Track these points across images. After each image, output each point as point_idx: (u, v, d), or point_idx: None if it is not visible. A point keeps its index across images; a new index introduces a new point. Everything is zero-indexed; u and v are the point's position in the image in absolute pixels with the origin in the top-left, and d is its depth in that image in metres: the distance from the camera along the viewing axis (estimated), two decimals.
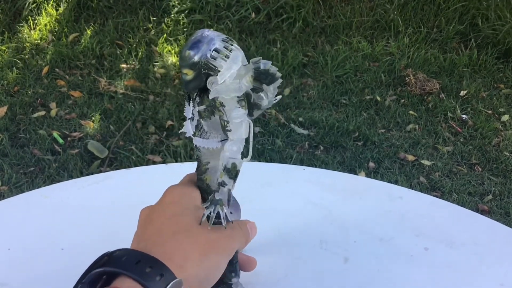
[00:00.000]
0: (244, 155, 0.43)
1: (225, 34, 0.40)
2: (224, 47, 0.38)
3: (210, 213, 0.42)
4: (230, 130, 0.41)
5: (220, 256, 0.42)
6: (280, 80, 0.41)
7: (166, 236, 0.41)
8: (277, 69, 0.40)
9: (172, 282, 0.36)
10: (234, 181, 0.42)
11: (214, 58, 0.38)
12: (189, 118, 0.44)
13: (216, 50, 0.38)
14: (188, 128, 0.44)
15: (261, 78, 0.40)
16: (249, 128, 0.41)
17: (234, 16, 2.96)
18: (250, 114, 0.42)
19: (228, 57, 0.38)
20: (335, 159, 2.06)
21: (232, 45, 0.39)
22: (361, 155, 2.10)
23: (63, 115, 2.22)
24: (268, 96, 0.41)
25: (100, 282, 0.37)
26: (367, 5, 3.18)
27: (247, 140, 0.43)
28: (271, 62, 0.40)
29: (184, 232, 0.41)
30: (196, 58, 0.38)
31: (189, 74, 0.39)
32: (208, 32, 0.39)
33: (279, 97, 0.42)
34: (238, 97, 0.40)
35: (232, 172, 0.42)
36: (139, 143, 2.07)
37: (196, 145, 0.45)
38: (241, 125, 0.41)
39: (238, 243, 0.45)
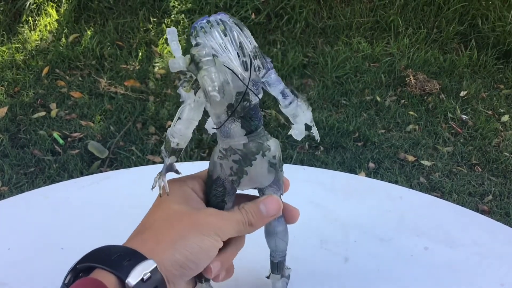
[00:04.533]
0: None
1: (221, 22, 0.40)
2: (201, 26, 0.40)
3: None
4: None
5: (202, 238, 0.40)
6: (202, 73, 0.38)
7: (146, 226, 0.42)
8: (203, 57, 0.38)
9: (141, 264, 0.36)
10: (169, 156, 0.43)
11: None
12: None
13: (194, 27, 0.40)
14: None
15: (194, 63, 0.39)
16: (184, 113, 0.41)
17: (234, 17, 2.96)
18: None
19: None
20: (335, 160, 2.06)
21: (207, 28, 0.40)
22: (361, 155, 2.10)
23: (63, 115, 2.22)
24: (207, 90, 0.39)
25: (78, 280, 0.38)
26: (367, 6, 3.19)
27: None
28: (199, 49, 0.38)
29: (163, 220, 0.41)
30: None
31: None
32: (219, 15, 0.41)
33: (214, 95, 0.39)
34: (182, 75, 0.41)
35: (167, 146, 0.43)
36: (139, 143, 2.07)
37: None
38: (183, 106, 0.41)
39: (229, 226, 0.42)
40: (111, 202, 0.68)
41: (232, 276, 0.48)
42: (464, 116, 2.44)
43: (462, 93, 2.61)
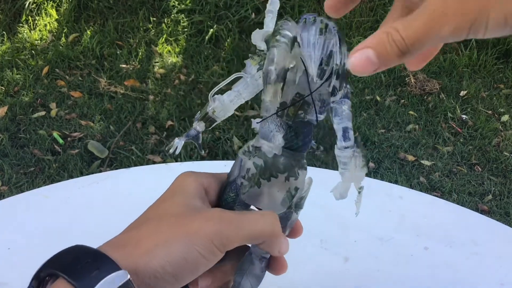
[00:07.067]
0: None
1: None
2: (305, 18, 0.35)
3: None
4: None
5: (191, 247, 0.32)
6: (272, 43, 0.33)
7: (134, 225, 0.36)
8: (283, 31, 0.33)
9: (110, 275, 0.30)
10: (199, 120, 0.39)
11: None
12: None
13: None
14: None
15: (273, 33, 0.36)
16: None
17: (234, 17, 2.96)
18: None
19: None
20: (335, 160, 2.05)
21: (309, 22, 0.35)
22: None
23: (63, 115, 2.22)
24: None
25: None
26: (367, 5, 3.19)
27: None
28: (287, 23, 0.34)
29: (154, 219, 0.35)
30: None
31: None
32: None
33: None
34: (258, 52, 0.39)
35: (203, 109, 0.39)
36: (139, 143, 2.07)
37: None
38: (241, 77, 0.39)
39: (236, 227, 0.34)
40: (111, 202, 0.68)
41: None
42: (464, 116, 2.44)
43: (462, 93, 2.61)
